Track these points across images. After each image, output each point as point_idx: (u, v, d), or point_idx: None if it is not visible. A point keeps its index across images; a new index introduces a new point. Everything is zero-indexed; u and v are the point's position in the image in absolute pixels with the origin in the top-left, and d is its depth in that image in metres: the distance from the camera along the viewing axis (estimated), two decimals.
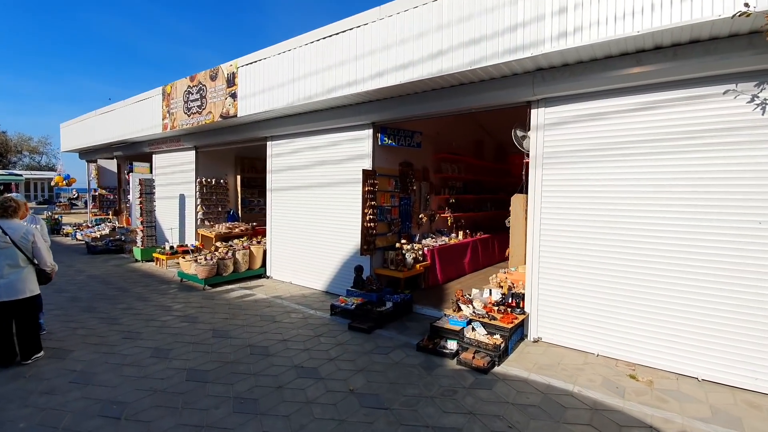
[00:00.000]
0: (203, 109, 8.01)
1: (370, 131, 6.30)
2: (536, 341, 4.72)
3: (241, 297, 6.71)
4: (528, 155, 4.81)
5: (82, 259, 9.85)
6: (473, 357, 4.06)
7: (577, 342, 4.47)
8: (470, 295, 5.22)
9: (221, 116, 7.58)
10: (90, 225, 14.52)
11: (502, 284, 5.38)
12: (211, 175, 10.21)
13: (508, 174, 11.53)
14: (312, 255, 7.27)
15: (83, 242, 12.53)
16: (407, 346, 4.65)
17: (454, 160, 9.35)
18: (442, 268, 7.29)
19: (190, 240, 10.02)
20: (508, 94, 4.73)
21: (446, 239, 8.08)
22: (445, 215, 8.84)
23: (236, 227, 9.94)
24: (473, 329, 4.39)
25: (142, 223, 9.49)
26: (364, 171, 6.15)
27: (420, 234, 8.00)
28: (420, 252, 6.85)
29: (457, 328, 4.51)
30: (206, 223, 10.12)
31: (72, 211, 25.45)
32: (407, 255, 6.47)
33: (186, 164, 10.13)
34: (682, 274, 3.87)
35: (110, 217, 13.64)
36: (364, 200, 6.20)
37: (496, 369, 4.03)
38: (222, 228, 9.78)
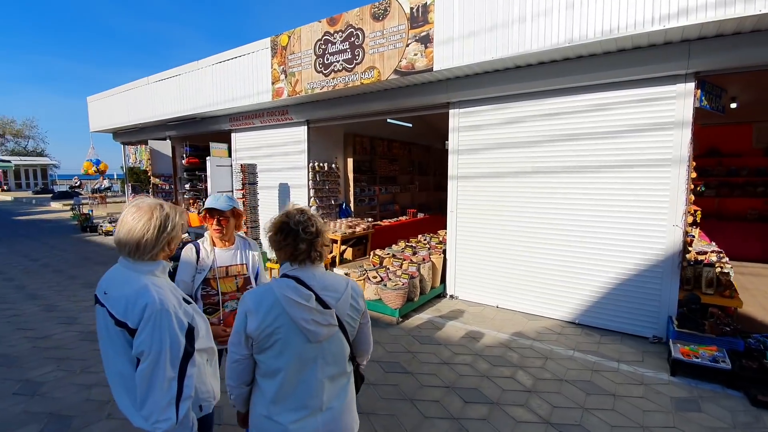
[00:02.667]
0: (357, 63, 5.66)
1: (688, 86, 4.09)
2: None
3: (463, 335, 4.58)
4: None
5: None
6: None
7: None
8: None
9: (398, 71, 5.26)
10: None
11: None
12: (321, 158, 7.88)
13: None
14: (539, 269, 5.13)
15: None
16: None
17: None
18: None
19: None
20: None
21: None
22: None
23: (355, 225, 7.72)
24: None
25: (244, 223, 7.17)
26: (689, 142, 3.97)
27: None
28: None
29: None
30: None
31: (85, 201, 22.63)
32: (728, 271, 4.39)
33: (291, 144, 7.77)
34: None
35: None
36: (687, 195, 4.07)
37: None
38: (343, 227, 7.55)
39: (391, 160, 9.91)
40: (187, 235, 9.11)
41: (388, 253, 6.05)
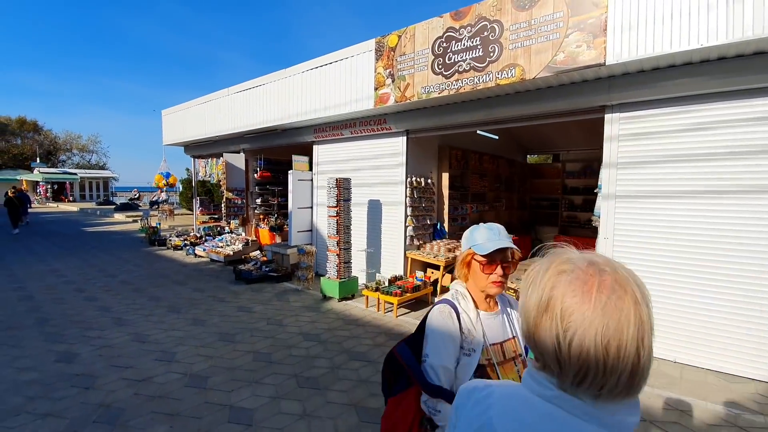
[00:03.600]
0: (491, 61, 4.80)
1: None
2: None
3: (663, 406, 3.47)
4: None
5: (241, 293, 6.90)
6: None
7: None
8: None
9: (551, 67, 4.34)
10: (199, 235, 11.75)
11: None
12: (417, 172, 7.06)
13: None
14: (734, 315, 3.95)
15: (207, 259, 9.69)
16: None
17: None
18: None
19: (393, 268, 6.92)
20: None
21: None
22: None
23: (454, 248, 6.78)
24: None
25: (337, 243, 6.41)
26: None
27: None
28: None
29: None
30: (415, 241, 6.98)
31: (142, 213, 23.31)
32: None
33: (386, 156, 7.01)
34: None
35: (230, 226, 10.78)
36: None
37: None
38: (442, 250, 6.63)
39: (481, 174, 8.96)
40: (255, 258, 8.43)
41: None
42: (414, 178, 6.86)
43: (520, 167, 11.55)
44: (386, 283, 6.08)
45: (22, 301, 6.36)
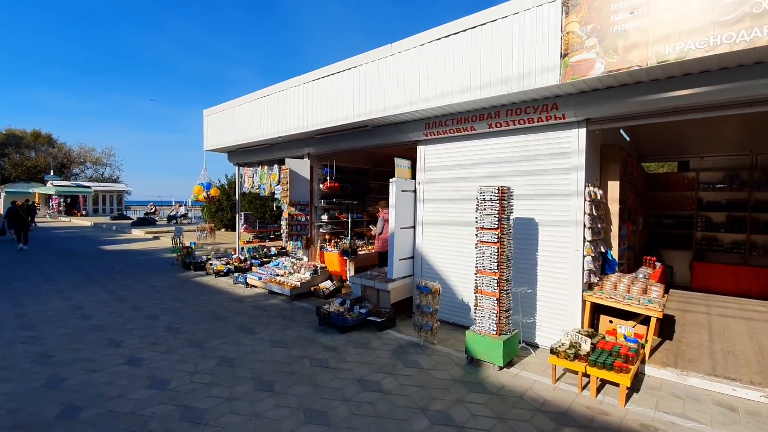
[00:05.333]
0: None
1: None
2: None
3: None
4: None
5: (341, 348, 4.83)
6: None
7: None
8: None
9: None
10: (242, 258, 9.76)
11: None
12: (589, 180, 5.02)
13: None
14: None
15: (265, 291, 7.65)
16: None
17: None
18: None
19: (558, 315, 4.82)
20: None
21: None
22: None
23: (643, 287, 4.69)
24: None
25: (497, 283, 4.34)
26: None
27: None
28: None
29: None
30: (592, 277, 4.90)
31: (165, 228, 21.38)
32: None
33: (546, 157, 5.00)
34: None
35: (287, 247, 8.78)
36: None
37: None
38: (634, 290, 4.56)
39: (631, 184, 6.92)
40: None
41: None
42: (590, 189, 4.82)
43: (637, 177, 9.49)
44: (583, 345, 3.98)
45: (36, 366, 4.34)
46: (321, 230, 8.62)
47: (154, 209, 30.65)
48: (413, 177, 6.45)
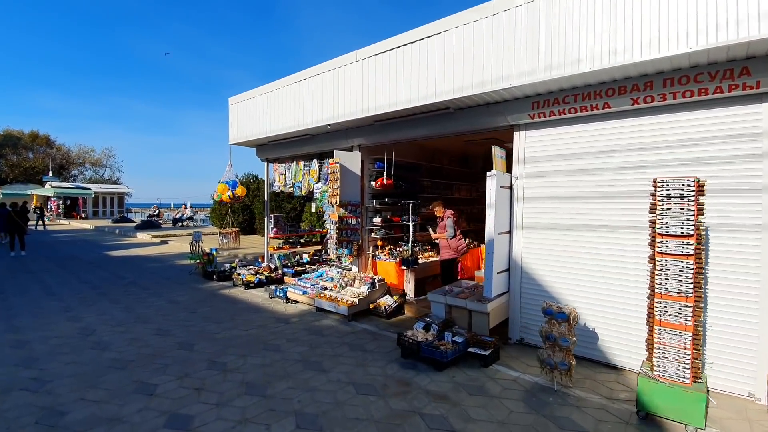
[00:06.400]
0: None
1: None
2: None
3: None
4: None
5: (449, 395, 3.58)
6: None
7: None
8: None
9: None
10: (273, 267, 8.51)
11: None
12: None
13: None
14: None
15: (311, 308, 6.37)
16: None
17: None
18: None
19: (754, 352, 3.58)
20: None
21: None
22: None
23: None
24: None
25: (693, 311, 3.09)
26: None
27: None
28: None
29: None
30: None
31: (171, 231, 20.03)
32: None
33: (725, 141, 3.76)
34: None
35: (330, 255, 7.53)
36: None
37: None
38: None
39: None
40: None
41: None
42: None
43: None
44: None
45: (42, 429, 3.06)
46: (372, 235, 7.36)
47: (157, 211, 29.29)
48: (510, 170, 5.21)
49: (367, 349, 4.86)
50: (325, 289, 6.68)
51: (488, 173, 4.82)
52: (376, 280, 6.49)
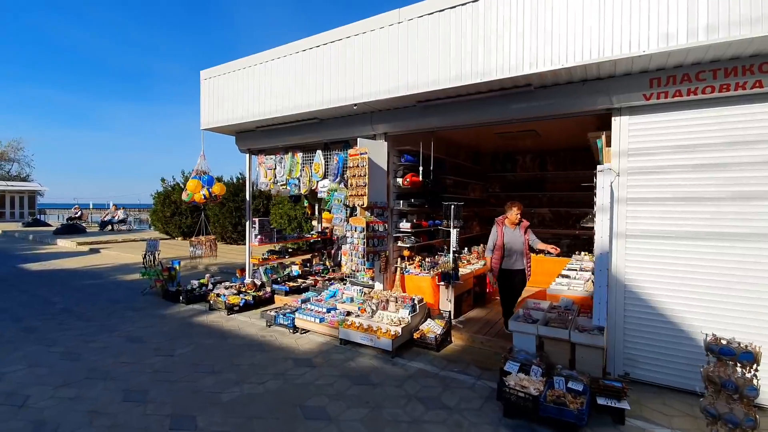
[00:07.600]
0: None
1: None
2: None
3: None
4: None
5: None
6: None
7: None
8: None
9: None
10: (258, 284, 6.90)
11: None
12: None
13: None
14: None
15: (334, 339, 4.91)
16: None
17: None
18: None
19: None
20: None
21: None
22: None
23: None
24: None
25: None
26: None
27: None
28: None
29: None
30: None
31: (105, 236, 16.76)
32: None
33: None
34: None
35: (342, 268, 6.08)
36: None
37: None
38: None
39: None
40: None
41: None
42: None
43: None
44: None
45: None
46: (399, 244, 6.02)
47: (79, 213, 24.99)
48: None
49: (447, 405, 3.56)
50: (349, 314, 5.24)
51: (599, 168, 3.75)
52: (416, 301, 5.19)
